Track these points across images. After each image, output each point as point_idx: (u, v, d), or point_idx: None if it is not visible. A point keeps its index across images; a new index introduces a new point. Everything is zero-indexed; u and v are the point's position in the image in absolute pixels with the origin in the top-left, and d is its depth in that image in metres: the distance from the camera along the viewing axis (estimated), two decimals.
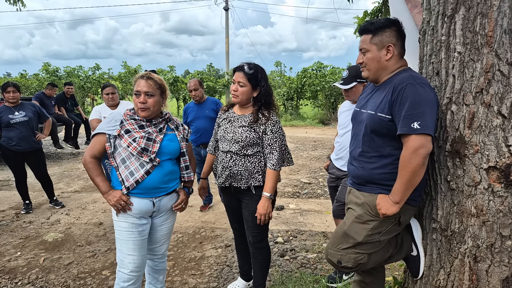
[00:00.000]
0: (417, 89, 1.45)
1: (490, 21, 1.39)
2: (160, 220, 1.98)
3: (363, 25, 1.62)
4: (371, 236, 1.59)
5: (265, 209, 2.00)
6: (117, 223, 1.86)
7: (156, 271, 2.11)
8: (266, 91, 2.05)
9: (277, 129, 2.03)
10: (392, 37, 1.57)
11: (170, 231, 2.07)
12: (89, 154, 1.82)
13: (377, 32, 1.57)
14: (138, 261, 1.86)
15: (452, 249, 1.58)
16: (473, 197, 1.49)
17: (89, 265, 2.89)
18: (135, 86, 1.83)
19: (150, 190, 1.84)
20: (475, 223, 1.50)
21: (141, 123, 1.84)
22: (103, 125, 1.83)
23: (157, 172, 1.83)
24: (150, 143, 1.81)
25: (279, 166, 2.02)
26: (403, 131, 1.44)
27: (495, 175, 1.43)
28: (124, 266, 1.85)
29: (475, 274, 1.53)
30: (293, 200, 4.51)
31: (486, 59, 1.41)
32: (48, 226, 3.72)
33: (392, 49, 1.57)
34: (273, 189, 2.02)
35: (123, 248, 1.84)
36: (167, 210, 1.98)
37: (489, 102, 1.42)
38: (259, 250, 2.20)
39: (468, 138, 1.47)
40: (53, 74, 16.66)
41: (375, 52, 1.59)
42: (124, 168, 1.80)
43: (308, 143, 8.89)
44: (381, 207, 1.53)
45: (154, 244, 2.03)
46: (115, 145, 1.81)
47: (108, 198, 1.80)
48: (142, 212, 1.85)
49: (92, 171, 1.82)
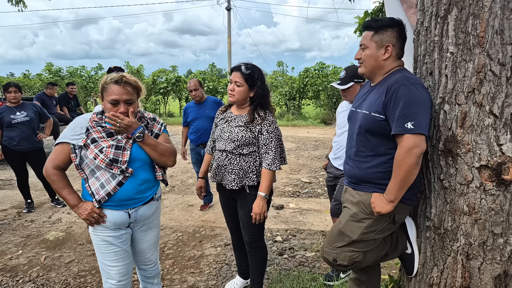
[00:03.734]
0: (411, 90, 1.46)
1: (482, 21, 1.41)
2: (141, 231, 1.83)
3: (367, 21, 1.65)
4: (366, 235, 1.61)
5: (260, 209, 2.02)
6: (94, 236, 1.71)
7: (151, 277, 2.03)
8: (262, 92, 2.07)
9: (273, 129, 2.04)
10: (392, 38, 1.59)
11: (157, 239, 1.94)
12: (51, 165, 1.63)
13: (379, 30, 1.59)
14: (123, 270, 1.75)
15: (445, 247, 1.60)
16: (465, 196, 1.51)
17: (90, 263, 2.92)
18: (109, 94, 1.60)
19: (124, 201, 1.68)
20: (467, 221, 1.51)
21: (110, 131, 1.65)
22: (67, 133, 1.65)
23: (130, 182, 1.66)
24: (119, 151, 1.62)
25: (275, 166, 2.03)
26: (397, 131, 1.46)
27: (486, 174, 1.45)
28: (111, 277, 1.74)
29: (467, 272, 1.54)
30: (293, 200, 4.53)
31: (478, 59, 1.43)
32: (49, 225, 3.76)
33: (391, 49, 1.59)
34: (268, 188, 2.04)
35: (105, 261, 1.72)
36: (146, 220, 1.81)
37: (481, 102, 1.44)
38: (255, 249, 2.23)
39: (460, 137, 1.49)
40: (56, 74, 16.74)
41: (373, 50, 1.61)
42: (94, 180, 1.64)
43: (309, 143, 8.91)
44: (376, 205, 1.55)
45: (143, 255, 1.91)
46: (81, 156, 1.63)
47: (78, 212, 1.64)
48: (117, 224, 1.70)
49: (56, 183, 1.63)
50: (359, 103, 1.73)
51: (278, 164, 2.06)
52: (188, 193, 4.82)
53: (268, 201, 2.12)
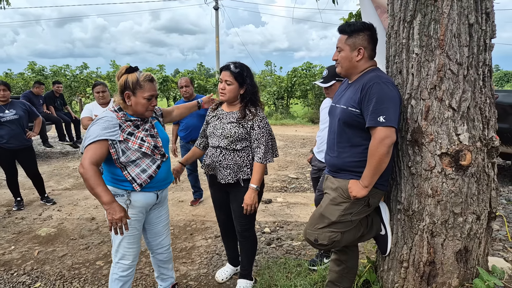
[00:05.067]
0: (382, 87, 1.64)
1: (442, 26, 1.60)
2: (157, 212, 2.08)
3: (341, 26, 1.82)
4: (344, 216, 1.79)
5: (251, 200, 2.13)
6: None
7: (165, 262, 2.24)
8: (252, 88, 2.17)
9: (264, 125, 2.15)
10: (364, 41, 1.76)
11: (168, 220, 2.19)
12: (89, 162, 1.67)
13: (352, 34, 1.76)
14: (136, 252, 1.98)
15: (413, 226, 1.79)
16: (429, 180, 1.70)
17: (83, 256, 3.01)
18: (146, 91, 1.79)
19: (159, 183, 1.93)
20: (431, 202, 1.71)
21: (137, 123, 1.85)
22: (100, 131, 1.73)
23: (164, 164, 1.94)
24: (155, 138, 1.89)
25: (266, 159, 2.14)
26: (370, 124, 1.64)
27: (447, 160, 1.65)
28: (125, 258, 1.93)
29: (432, 248, 1.74)
30: (280, 194, 4.70)
31: (438, 60, 1.63)
32: (40, 221, 3.82)
33: (363, 52, 1.76)
34: (260, 181, 2.15)
35: (125, 243, 1.91)
36: (164, 200, 2.10)
37: (441, 97, 1.64)
38: (246, 238, 2.35)
39: (425, 129, 1.68)
40: (39, 73, 16.48)
41: (348, 53, 1.78)
42: (133, 167, 1.81)
43: (297, 141, 9.12)
44: (352, 190, 1.73)
45: (158, 238, 2.14)
46: (122, 149, 1.78)
47: (110, 211, 1.66)
48: (147, 205, 1.94)
49: (92, 180, 1.66)
50: (338, 99, 1.91)
51: (269, 157, 2.17)
52: (179, 190, 4.94)
53: (259, 193, 2.25)
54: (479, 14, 1.63)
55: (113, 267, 1.97)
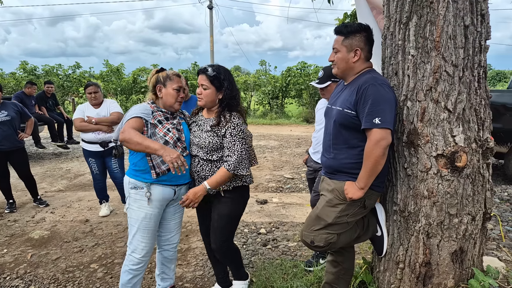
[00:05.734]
0: (378, 89, 1.64)
1: (437, 28, 1.61)
2: (174, 209, 2.14)
3: (338, 27, 1.81)
4: (340, 218, 1.78)
5: (195, 196, 1.93)
6: (136, 212, 1.97)
7: (169, 261, 2.27)
8: (231, 92, 2.00)
9: (236, 132, 1.94)
10: (361, 42, 1.76)
11: (181, 219, 2.25)
12: (128, 127, 1.85)
13: (349, 35, 1.76)
14: (149, 247, 2.03)
15: (409, 227, 1.79)
16: (425, 181, 1.71)
17: (77, 259, 2.98)
18: (174, 83, 2.02)
19: (177, 177, 1.99)
20: (427, 204, 1.71)
21: (167, 115, 2.02)
22: (138, 111, 1.93)
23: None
24: (179, 133, 2.00)
25: (237, 169, 1.93)
26: (366, 126, 1.64)
27: (442, 162, 1.65)
28: (137, 252, 2.00)
29: (428, 249, 1.75)
30: (276, 195, 4.70)
31: (434, 61, 1.63)
32: (33, 224, 3.77)
33: (359, 53, 1.76)
34: (217, 185, 1.95)
35: (138, 236, 1.98)
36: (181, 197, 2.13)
37: (437, 99, 1.64)
38: (225, 252, 2.15)
39: (420, 130, 1.69)
40: (31, 72, 16.27)
41: (344, 54, 1.78)
42: (156, 155, 1.90)
43: (292, 141, 9.13)
44: (348, 192, 1.73)
45: (169, 234, 2.19)
46: (151, 133, 1.93)
47: (166, 153, 1.76)
48: (163, 200, 2.00)
49: (137, 137, 1.80)
50: (334, 100, 1.91)
51: (242, 168, 1.94)
52: None
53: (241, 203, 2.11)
54: (475, 15, 1.63)
55: (126, 258, 2.06)
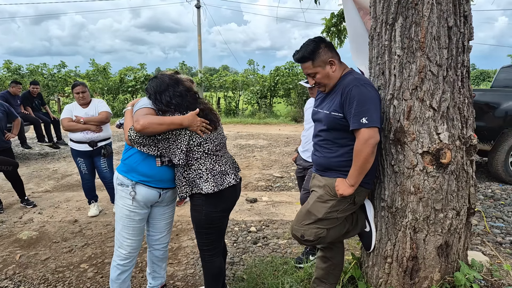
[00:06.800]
0: (361, 90, 1.69)
1: (422, 29, 1.66)
2: (162, 209, 2.12)
3: (298, 56, 1.83)
4: (330, 213, 1.82)
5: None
6: (120, 209, 1.98)
7: (160, 260, 2.27)
8: (160, 103, 1.88)
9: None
10: (327, 53, 1.80)
11: (172, 219, 2.23)
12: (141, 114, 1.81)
13: (314, 56, 1.79)
14: (135, 244, 2.03)
15: (396, 223, 1.85)
16: (411, 178, 1.76)
17: (67, 259, 2.95)
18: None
19: (164, 183, 1.96)
20: (413, 199, 1.77)
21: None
22: (146, 102, 1.89)
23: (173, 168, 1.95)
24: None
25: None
26: (354, 127, 1.68)
27: (428, 159, 1.71)
28: (123, 248, 2.01)
29: (414, 243, 1.80)
30: (266, 193, 4.73)
31: (419, 61, 1.68)
32: (21, 225, 3.71)
33: (334, 61, 1.80)
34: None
35: (123, 233, 1.99)
36: (171, 201, 2.13)
37: (422, 97, 1.70)
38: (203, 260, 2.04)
39: (407, 128, 1.74)
40: (15, 72, 15.88)
41: (322, 71, 1.81)
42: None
43: (281, 140, 9.18)
44: (339, 188, 1.77)
45: (159, 234, 2.18)
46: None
47: (190, 122, 1.80)
48: (147, 201, 1.98)
49: (156, 119, 1.77)
50: (319, 103, 1.95)
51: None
52: None
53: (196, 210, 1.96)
54: (458, 17, 1.69)
55: (114, 253, 2.06)
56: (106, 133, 3.79)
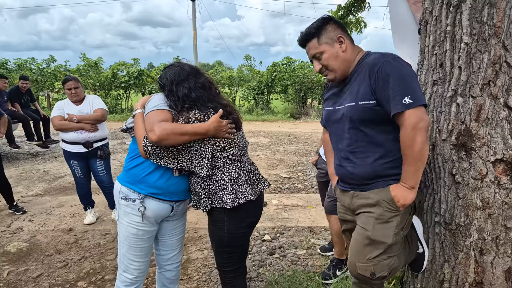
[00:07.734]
0: (395, 65, 1.36)
1: (499, 11, 1.37)
2: (173, 223, 1.84)
3: (302, 36, 1.53)
4: (398, 234, 1.48)
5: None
6: (125, 227, 1.68)
7: (172, 281, 1.98)
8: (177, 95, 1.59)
9: None
10: (336, 29, 1.49)
11: (184, 234, 1.96)
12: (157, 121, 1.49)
13: (320, 32, 1.49)
14: (143, 266, 1.76)
15: (457, 242, 1.57)
16: (479, 190, 1.48)
17: (62, 276, 2.62)
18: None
19: (177, 195, 1.70)
20: (480, 216, 1.49)
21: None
22: (160, 102, 1.57)
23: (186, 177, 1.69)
24: None
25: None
26: (397, 110, 1.33)
27: (501, 168, 1.43)
28: (129, 272, 1.74)
29: (480, 267, 1.53)
30: (275, 196, 4.45)
31: (494, 50, 1.40)
32: (9, 235, 3.35)
33: (344, 39, 1.49)
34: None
35: (129, 255, 1.71)
36: (182, 215, 1.88)
37: (496, 94, 1.41)
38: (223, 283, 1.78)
39: (475, 131, 1.46)
40: (2, 66, 15.29)
41: (330, 50, 1.49)
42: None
43: (283, 138, 8.89)
44: (399, 198, 1.42)
45: (171, 252, 1.90)
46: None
47: (216, 129, 1.52)
48: (158, 217, 1.71)
49: (176, 126, 1.47)
50: (334, 100, 1.61)
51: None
52: None
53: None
54: None
55: (117, 277, 1.79)
56: (103, 132, 3.45)
